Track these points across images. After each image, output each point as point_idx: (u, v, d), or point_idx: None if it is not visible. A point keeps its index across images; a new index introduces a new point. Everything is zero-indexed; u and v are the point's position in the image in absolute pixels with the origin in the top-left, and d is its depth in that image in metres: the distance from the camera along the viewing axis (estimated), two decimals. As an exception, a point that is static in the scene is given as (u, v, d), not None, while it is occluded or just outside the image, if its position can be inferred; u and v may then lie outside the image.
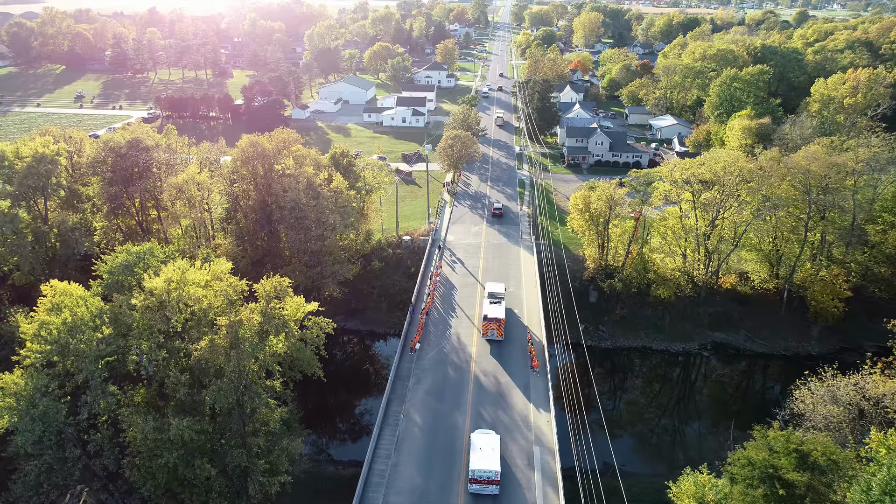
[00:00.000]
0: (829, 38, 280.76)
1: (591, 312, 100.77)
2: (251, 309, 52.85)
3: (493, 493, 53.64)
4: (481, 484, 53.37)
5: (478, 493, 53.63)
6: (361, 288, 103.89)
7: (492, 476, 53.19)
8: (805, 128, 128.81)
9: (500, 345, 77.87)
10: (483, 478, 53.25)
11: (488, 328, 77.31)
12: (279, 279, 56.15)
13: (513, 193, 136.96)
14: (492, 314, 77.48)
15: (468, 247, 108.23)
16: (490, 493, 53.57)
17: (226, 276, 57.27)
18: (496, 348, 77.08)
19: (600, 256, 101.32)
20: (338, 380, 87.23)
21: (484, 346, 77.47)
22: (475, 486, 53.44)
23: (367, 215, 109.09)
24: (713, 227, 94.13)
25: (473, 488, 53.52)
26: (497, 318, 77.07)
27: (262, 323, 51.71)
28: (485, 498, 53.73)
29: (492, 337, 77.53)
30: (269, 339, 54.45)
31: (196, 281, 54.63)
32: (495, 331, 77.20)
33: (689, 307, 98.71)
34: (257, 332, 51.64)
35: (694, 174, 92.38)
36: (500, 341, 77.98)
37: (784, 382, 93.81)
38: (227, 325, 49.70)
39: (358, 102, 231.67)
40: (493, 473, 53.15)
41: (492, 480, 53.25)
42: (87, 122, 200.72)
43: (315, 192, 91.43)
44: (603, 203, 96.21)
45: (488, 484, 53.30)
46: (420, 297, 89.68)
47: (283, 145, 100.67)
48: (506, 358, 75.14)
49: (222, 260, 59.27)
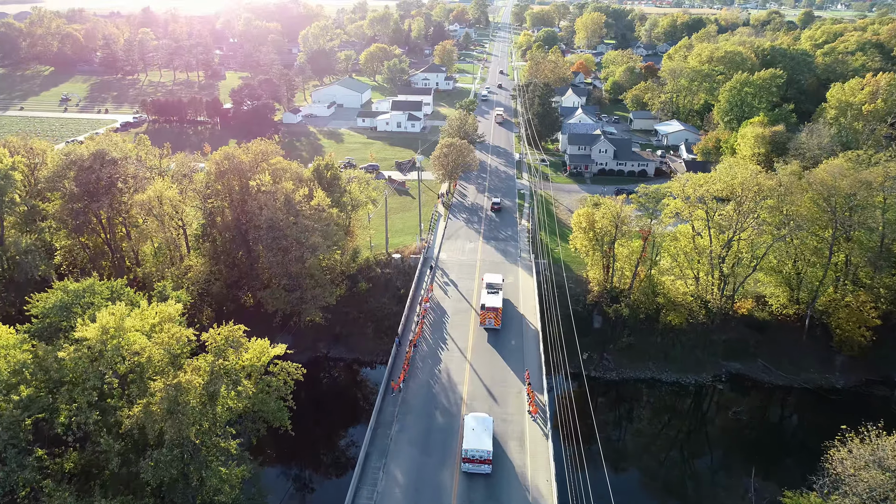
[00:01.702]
0: (839, 39, 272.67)
1: (595, 339, 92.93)
2: (195, 368, 44.99)
3: (486, 473, 55.78)
4: (474, 463, 55.65)
5: (470, 472, 55.74)
6: (347, 311, 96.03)
7: (484, 455, 55.42)
8: (823, 136, 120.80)
9: (496, 383, 70.07)
10: (475, 457, 55.51)
11: (486, 317, 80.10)
12: (232, 328, 48.29)
13: (511, 206, 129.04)
14: (489, 303, 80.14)
15: (462, 266, 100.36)
16: (482, 472, 55.78)
17: (175, 319, 49.39)
18: (491, 389, 69.23)
19: (605, 279, 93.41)
20: (318, 415, 79.45)
21: (478, 386, 69.63)
22: (468, 465, 55.81)
23: (354, 232, 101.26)
24: (729, 248, 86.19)
25: (466, 467, 55.87)
26: (494, 307, 79.77)
27: (207, 384, 43.83)
28: (477, 478, 55.18)
29: (489, 325, 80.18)
30: (222, 395, 46.59)
31: (138, 328, 46.79)
32: (492, 319, 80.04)
33: (702, 334, 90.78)
34: (202, 393, 43.80)
35: (708, 190, 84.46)
36: (495, 384, 70.39)
37: (806, 419, 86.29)
38: (162, 390, 41.88)
39: (352, 106, 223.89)
40: (485, 453, 55.40)
41: (484, 460, 55.51)
42: (69, 127, 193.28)
43: (294, 209, 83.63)
44: (608, 222, 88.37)
45: (481, 463, 55.58)
46: (408, 327, 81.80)
47: (261, 157, 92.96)
48: (502, 400, 67.28)
49: (172, 302, 51.38)
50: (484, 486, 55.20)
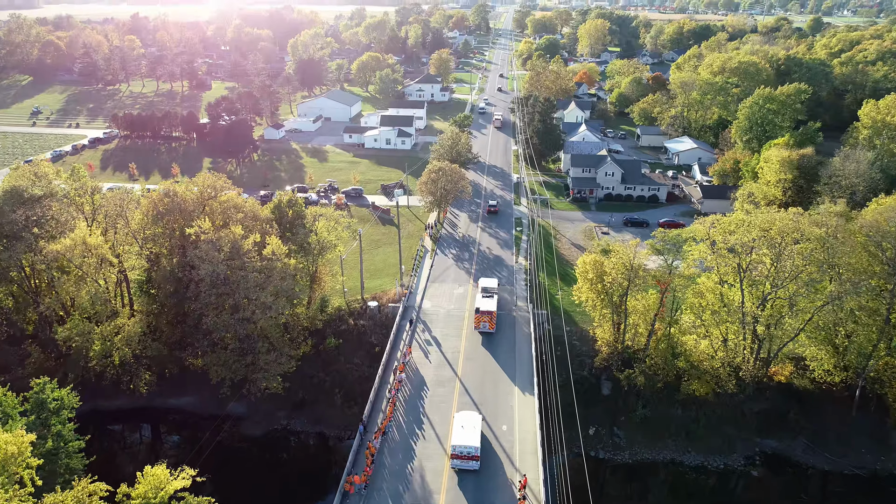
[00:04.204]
0: (856, 48, 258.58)
1: (604, 410, 78.59)
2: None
3: (474, 469, 56.39)
4: (462, 459, 56.34)
5: (459, 468, 56.46)
6: (311, 374, 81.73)
7: (472, 452, 56.12)
8: (861, 163, 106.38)
9: (480, 486, 55.65)
10: (463, 453, 56.20)
11: (480, 320, 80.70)
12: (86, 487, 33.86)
13: (508, 238, 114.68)
14: (484, 307, 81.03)
15: (448, 319, 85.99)
16: (470, 468, 56.49)
17: (22, 456, 35.02)
18: (471, 495, 54.77)
19: (615, 338, 78.96)
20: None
21: (457, 496, 55.19)
22: (456, 461, 56.46)
23: (322, 279, 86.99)
24: (764, 306, 71.80)
25: (454, 464, 56.53)
26: (489, 311, 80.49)
27: None
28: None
29: (484, 329, 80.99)
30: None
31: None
32: (487, 323, 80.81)
33: (732, 405, 76.29)
34: None
35: (741, 240, 70.09)
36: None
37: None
38: None
39: (340, 119, 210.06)
40: (472, 449, 56.12)
41: (472, 456, 56.16)
42: (35, 143, 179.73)
43: (241, 261, 69.43)
44: (620, 273, 74.01)
45: (468, 459, 56.27)
46: (377, 407, 67.30)
47: (209, 194, 78.77)
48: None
49: (20, 427, 36.99)
50: None
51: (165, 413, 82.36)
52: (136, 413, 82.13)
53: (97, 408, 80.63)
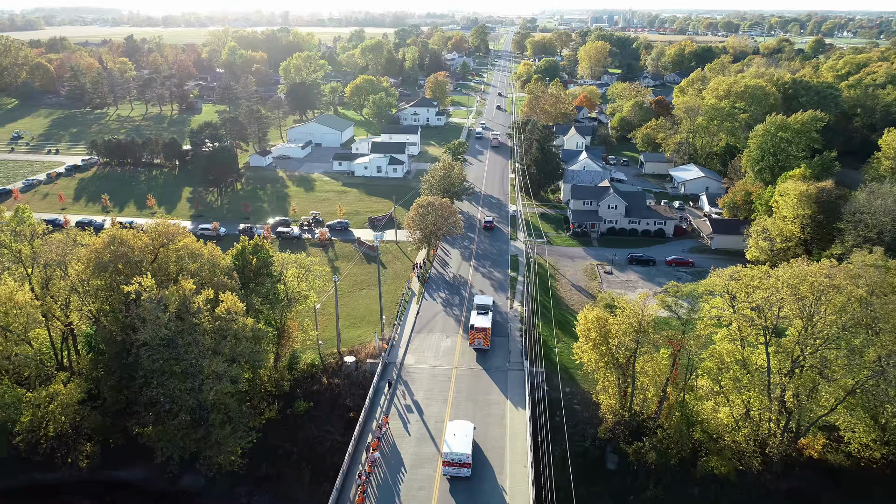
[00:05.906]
0: (863, 70, 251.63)
1: (610, 487, 68.42)
2: None
3: (465, 476, 57.25)
4: (453, 466, 57.19)
5: (451, 475, 57.23)
6: (277, 444, 71.98)
7: (463, 459, 57.03)
8: (887, 198, 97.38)
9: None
10: (455, 460, 57.12)
11: (475, 337, 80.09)
12: None
13: (503, 279, 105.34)
14: (478, 324, 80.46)
15: (434, 378, 76.40)
16: (462, 475, 57.36)
17: None
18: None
19: (622, 405, 69.28)
20: None
21: None
22: (448, 468, 57.20)
23: (291, 333, 77.51)
24: (792, 373, 62.25)
25: (447, 471, 57.18)
26: (483, 328, 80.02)
27: None
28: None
29: (478, 346, 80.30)
30: None
31: None
32: (482, 340, 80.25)
33: (757, 484, 66.30)
34: None
35: (766, 298, 60.73)
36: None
37: None
38: None
39: (331, 145, 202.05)
40: (464, 457, 57.06)
41: (463, 463, 57.01)
42: (9, 171, 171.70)
43: (191, 322, 60.15)
44: (628, 335, 64.55)
45: (460, 466, 57.12)
46: (344, 495, 57.46)
47: (162, 241, 69.69)
48: None
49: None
50: None
51: (111, 487, 72.45)
52: (79, 486, 72.26)
53: (34, 482, 71.40)
